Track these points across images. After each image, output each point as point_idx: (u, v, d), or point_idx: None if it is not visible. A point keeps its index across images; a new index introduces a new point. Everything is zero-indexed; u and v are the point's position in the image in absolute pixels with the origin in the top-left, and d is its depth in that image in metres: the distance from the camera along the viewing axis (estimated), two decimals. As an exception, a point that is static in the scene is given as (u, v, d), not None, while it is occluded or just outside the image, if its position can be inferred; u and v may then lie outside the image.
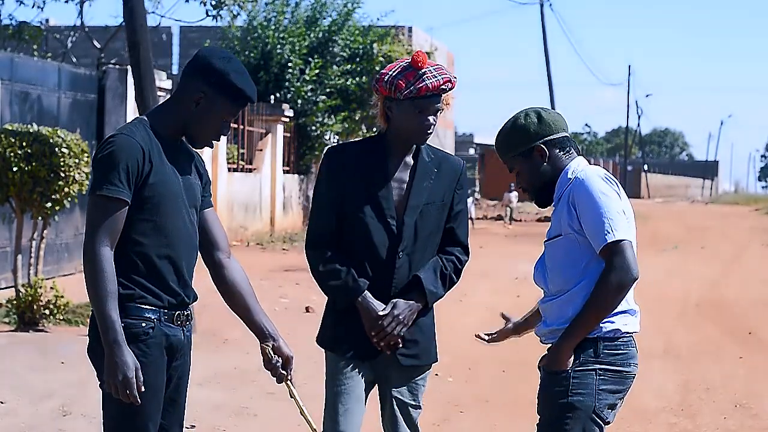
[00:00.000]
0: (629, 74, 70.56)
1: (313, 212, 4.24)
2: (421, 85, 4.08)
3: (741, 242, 26.58)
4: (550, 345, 3.80)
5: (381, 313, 4.09)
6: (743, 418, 7.54)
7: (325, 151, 4.31)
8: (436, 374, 8.23)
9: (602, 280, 3.63)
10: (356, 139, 5.47)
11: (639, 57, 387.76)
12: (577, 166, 3.82)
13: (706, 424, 7.32)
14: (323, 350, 4.27)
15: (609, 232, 3.62)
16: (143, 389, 3.46)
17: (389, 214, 4.13)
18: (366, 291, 4.10)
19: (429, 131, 4.15)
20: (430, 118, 4.13)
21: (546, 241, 3.85)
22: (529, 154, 3.84)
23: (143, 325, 3.53)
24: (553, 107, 40.80)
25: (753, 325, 12.08)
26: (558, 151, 3.84)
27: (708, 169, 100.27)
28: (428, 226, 4.17)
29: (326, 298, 4.25)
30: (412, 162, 4.20)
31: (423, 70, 4.11)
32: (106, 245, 3.45)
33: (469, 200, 30.45)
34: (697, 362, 9.73)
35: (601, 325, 3.70)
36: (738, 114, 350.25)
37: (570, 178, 3.78)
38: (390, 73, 4.14)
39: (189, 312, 3.72)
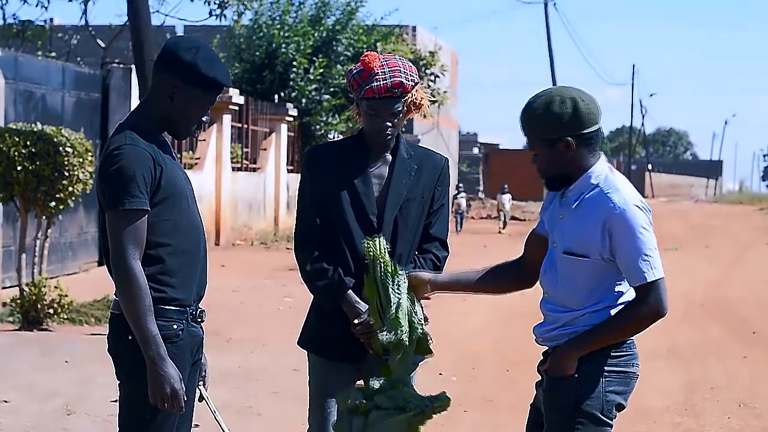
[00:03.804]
0: (633, 73, 70.51)
1: (298, 214, 4.20)
2: (367, 87, 3.99)
3: (745, 242, 26.55)
4: (546, 348, 3.76)
5: (356, 321, 4.04)
6: (747, 417, 7.53)
7: (306, 152, 4.28)
8: (440, 373, 8.22)
9: (633, 310, 3.59)
10: (337, 139, 5.42)
11: (643, 56, 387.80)
12: (601, 172, 3.65)
13: (710, 424, 7.31)
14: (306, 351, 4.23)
15: (647, 271, 3.56)
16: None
17: (371, 211, 4.08)
18: (350, 290, 4.06)
19: (385, 135, 4.05)
20: (386, 121, 4.02)
21: (564, 253, 3.68)
22: (554, 144, 3.61)
23: (174, 327, 3.55)
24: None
25: (757, 324, 12.07)
26: (584, 148, 3.63)
27: (712, 169, 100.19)
28: (408, 223, 4.12)
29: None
30: (391, 159, 4.14)
31: (375, 72, 3.99)
32: (137, 259, 3.46)
33: (463, 199, 30.39)
34: (701, 362, 9.72)
35: None
36: (742, 113, 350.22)
37: (594, 184, 3.64)
38: (353, 69, 4.06)
39: (203, 308, 3.74)
